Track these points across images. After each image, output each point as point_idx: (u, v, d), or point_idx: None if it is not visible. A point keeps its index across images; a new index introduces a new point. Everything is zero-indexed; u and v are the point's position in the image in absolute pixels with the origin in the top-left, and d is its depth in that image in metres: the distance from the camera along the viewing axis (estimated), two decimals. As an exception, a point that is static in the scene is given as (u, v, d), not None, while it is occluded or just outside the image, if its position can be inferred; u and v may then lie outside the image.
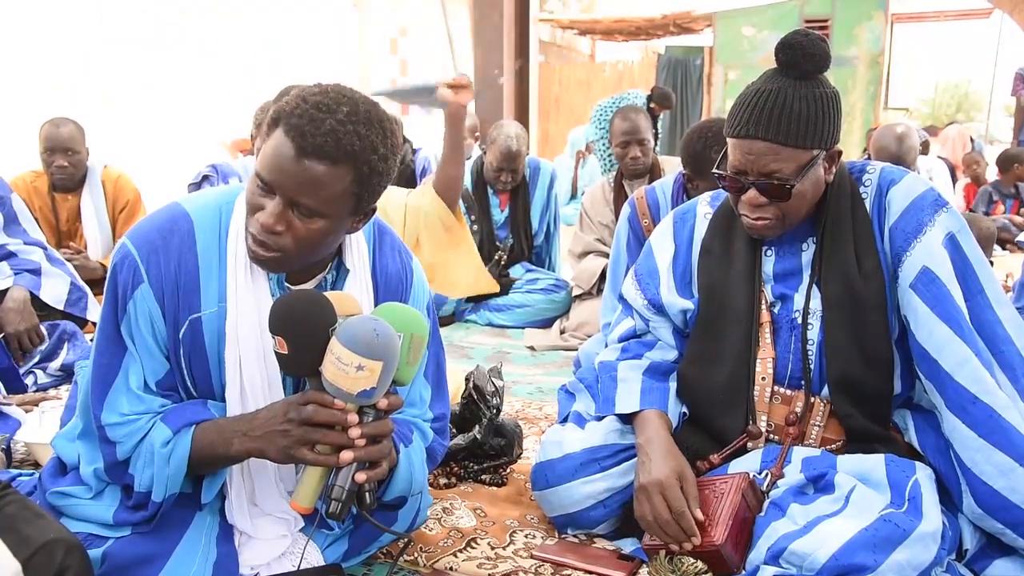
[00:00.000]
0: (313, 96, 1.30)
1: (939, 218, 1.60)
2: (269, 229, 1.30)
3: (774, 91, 1.58)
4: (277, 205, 1.30)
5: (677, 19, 12.91)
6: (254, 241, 1.33)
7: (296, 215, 1.30)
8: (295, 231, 1.31)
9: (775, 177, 1.60)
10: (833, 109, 1.60)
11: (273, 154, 1.29)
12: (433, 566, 1.68)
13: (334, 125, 1.26)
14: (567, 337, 3.70)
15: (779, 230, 1.68)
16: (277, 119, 1.30)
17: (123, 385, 1.39)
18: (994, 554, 1.52)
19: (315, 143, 1.26)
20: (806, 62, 1.57)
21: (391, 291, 1.56)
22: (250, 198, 1.34)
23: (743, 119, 1.60)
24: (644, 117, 3.75)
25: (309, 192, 1.28)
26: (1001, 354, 1.56)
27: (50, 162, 3.64)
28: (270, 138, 1.30)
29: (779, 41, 1.60)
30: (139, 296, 1.37)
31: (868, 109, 11.11)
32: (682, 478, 1.60)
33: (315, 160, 1.27)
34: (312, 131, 1.26)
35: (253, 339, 1.40)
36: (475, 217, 4.16)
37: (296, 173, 1.27)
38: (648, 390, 1.77)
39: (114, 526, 1.42)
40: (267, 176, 1.30)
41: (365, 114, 1.30)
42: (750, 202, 1.65)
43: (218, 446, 1.36)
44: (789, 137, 1.57)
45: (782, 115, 1.56)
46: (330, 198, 1.30)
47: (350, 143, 1.27)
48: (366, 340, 1.25)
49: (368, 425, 1.30)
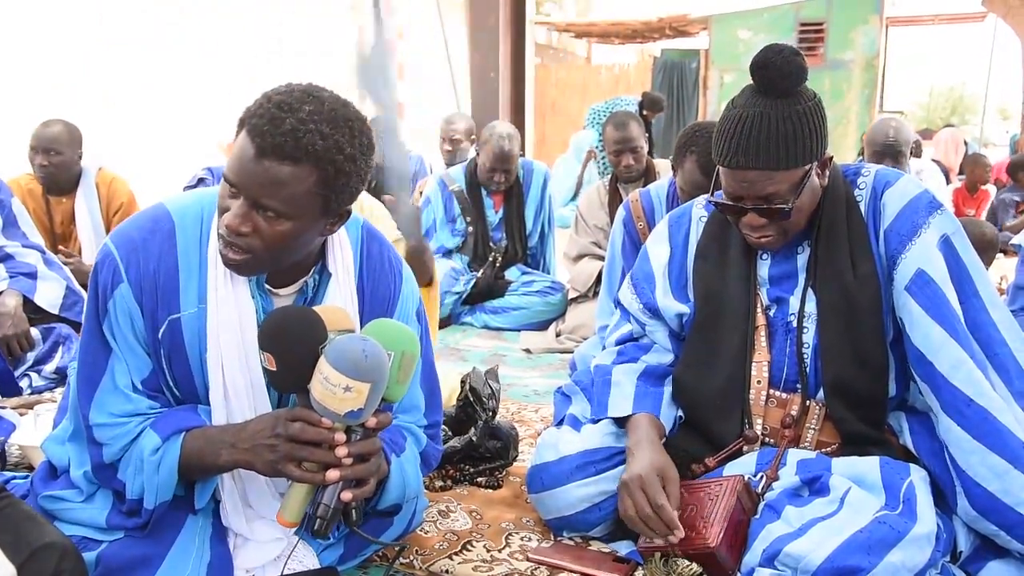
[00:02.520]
0: (277, 95, 1.28)
1: (934, 220, 1.61)
2: (234, 230, 1.29)
3: (757, 116, 1.57)
4: (241, 206, 1.28)
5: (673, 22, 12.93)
6: (223, 243, 1.32)
7: (261, 216, 1.29)
8: (261, 233, 1.29)
9: (773, 200, 1.60)
10: (818, 120, 1.59)
11: (236, 155, 1.28)
12: (429, 569, 1.68)
13: (294, 124, 1.24)
14: (563, 340, 3.70)
15: (782, 242, 1.69)
16: (243, 120, 1.29)
17: (110, 384, 1.39)
18: (988, 556, 1.52)
19: (274, 142, 1.24)
20: (783, 82, 1.57)
21: (378, 297, 1.55)
22: (220, 200, 1.33)
23: (731, 149, 1.59)
24: (636, 124, 3.76)
25: (270, 192, 1.26)
26: (996, 356, 1.57)
27: (33, 160, 3.63)
28: (236, 139, 1.30)
29: (753, 61, 1.59)
30: (119, 296, 1.37)
31: (863, 112, 11.12)
32: (664, 476, 1.60)
33: (274, 160, 1.25)
34: (272, 130, 1.24)
35: (234, 341, 1.39)
36: (470, 219, 4.16)
37: (257, 173, 1.26)
38: (641, 395, 1.77)
39: (107, 529, 1.41)
40: (231, 177, 1.29)
41: (330, 113, 1.28)
42: (750, 223, 1.65)
43: (207, 456, 1.36)
44: (780, 161, 1.57)
45: (769, 140, 1.56)
46: (292, 198, 1.27)
47: (311, 142, 1.25)
48: (354, 361, 1.23)
49: (355, 444, 1.30)
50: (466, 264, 4.16)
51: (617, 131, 3.71)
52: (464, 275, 4.07)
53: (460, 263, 4.13)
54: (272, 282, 1.45)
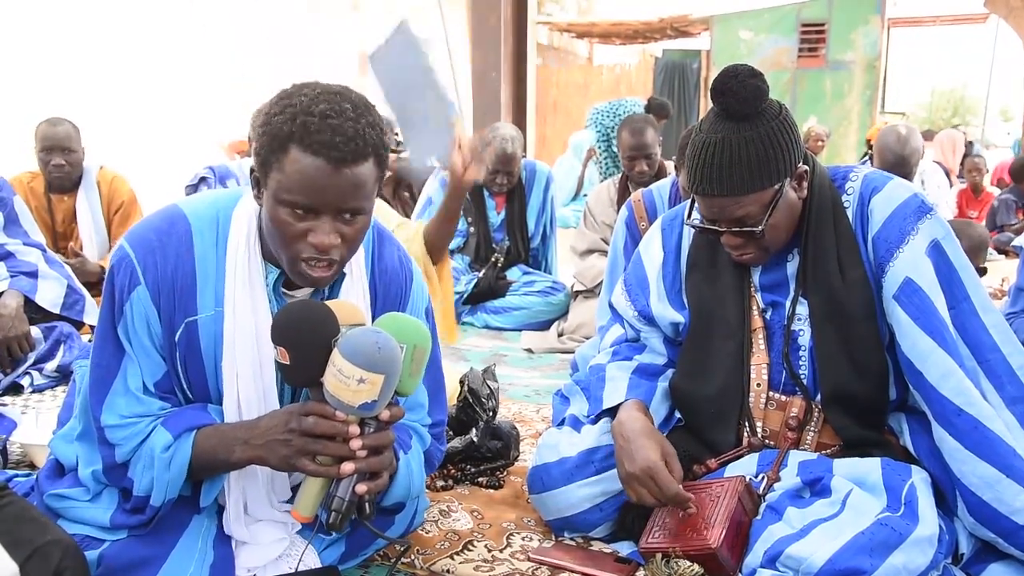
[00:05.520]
0: (315, 106, 1.27)
1: (922, 225, 1.59)
2: (330, 248, 1.30)
3: (720, 143, 1.57)
4: (327, 222, 1.30)
5: (674, 22, 12.94)
6: (309, 266, 1.32)
7: (342, 223, 1.31)
8: (347, 238, 1.32)
9: (744, 222, 1.61)
10: (784, 138, 1.58)
11: (305, 176, 1.26)
12: (430, 568, 1.68)
13: (353, 126, 1.27)
14: (565, 340, 3.70)
15: (766, 257, 1.70)
16: (286, 141, 1.26)
17: (122, 387, 1.39)
18: (990, 558, 1.52)
19: (348, 150, 1.26)
20: (742, 106, 1.56)
21: (390, 295, 1.56)
22: (283, 227, 1.30)
23: (698, 176, 1.60)
24: (653, 130, 3.69)
25: (356, 196, 1.30)
26: (987, 362, 1.56)
27: (47, 161, 3.64)
28: (286, 162, 1.27)
29: (711, 87, 1.60)
30: (135, 298, 1.37)
31: (864, 113, 11.13)
32: (667, 456, 1.60)
33: (354, 165, 1.28)
34: (343, 140, 1.26)
35: (250, 345, 1.40)
36: (472, 219, 4.16)
37: (340, 185, 1.28)
38: (634, 386, 1.78)
39: (111, 528, 1.41)
40: (308, 200, 1.28)
41: (359, 101, 1.32)
42: (728, 244, 1.67)
43: (219, 452, 1.36)
44: (744, 186, 1.57)
45: (732, 167, 1.56)
46: (370, 192, 1.33)
47: (370, 136, 1.29)
48: (368, 353, 1.24)
49: (369, 437, 1.30)
50: (467, 264, 4.16)
51: (633, 137, 3.65)
52: (465, 275, 4.07)
53: (461, 263, 4.13)
54: (288, 284, 1.46)
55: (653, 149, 3.68)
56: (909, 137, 3.75)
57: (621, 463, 1.63)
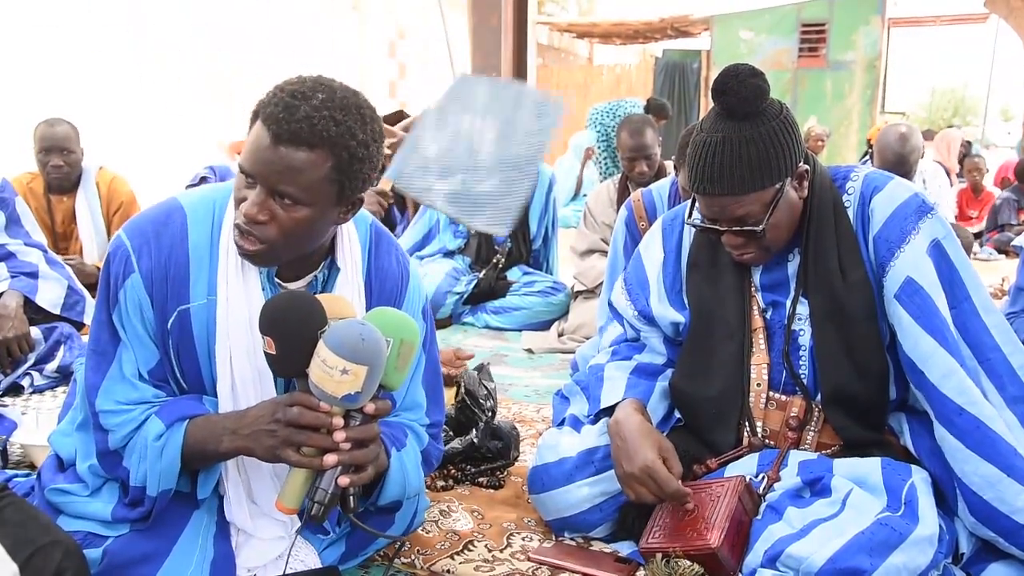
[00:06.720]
0: (290, 85, 1.32)
1: (923, 225, 1.59)
2: (252, 218, 1.31)
3: (720, 141, 1.57)
4: (259, 194, 1.31)
5: (675, 23, 12.95)
6: (240, 234, 1.34)
7: (279, 204, 1.31)
8: (279, 221, 1.32)
9: (745, 221, 1.61)
10: (785, 137, 1.58)
11: (252, 144, 1.31)
12: (430, 568, 1.68)
13: (308, 111, 1.27)
14: (565, 340, 3.69)
15: (766, 257, 1.70)
16: (257, 110, 1.32)
17: (118, 373, 1.41)
18: (990, 558, 1.52)
19: (290, 129, 1.27)
20: (742, 106, 1.56)
21: (385, 293, 1.56)
22: (236, 192, 1.36)
23: (699, 175, 1.60)
24: (652, 130, 3.67)
25: (288, 179, 1.29)
26: (988, 362, 1.56)
27: (46, 162, 3.64)
28: (251, 131, 1.32)
29: (712, 86, 1.59)
30: (129, 286, 1.39)
31: (865, 113, 11.13)
32: (665, 453, 1.60)
33: (291, 146, 1.28)
34: (287, 117, 1.27)
35: (243, 333, 1.40)
36: (473, 220, 4.15)
37: (274, 161, 1.28)
38: (632, 386, 1.79)
39: (112, 523, 1.42)
40: (247, 166, 1.31)
41: (342, 100, 1.31)
42: (729, 243, 1.67)
43: (208, 442, 1.37)
44: (745, 185, 1.57)
45: (734, 166, 1.56)
46: (310, 185, 1.30)
47: (325, 128, 1.28)
48: (351, 344, 1.24)
49: (354, 429, 1.30)
50: (468, 265, 4.15)
51: (632, 138, 3.63)
52: (466, 275, 4.07)
53: (462, 264, 4.12)
54: (282, 275, 1.47)
55: (653, 150, 3.67)
56: (909, 136, 3.76)
57: (619, 463, 1.63)
